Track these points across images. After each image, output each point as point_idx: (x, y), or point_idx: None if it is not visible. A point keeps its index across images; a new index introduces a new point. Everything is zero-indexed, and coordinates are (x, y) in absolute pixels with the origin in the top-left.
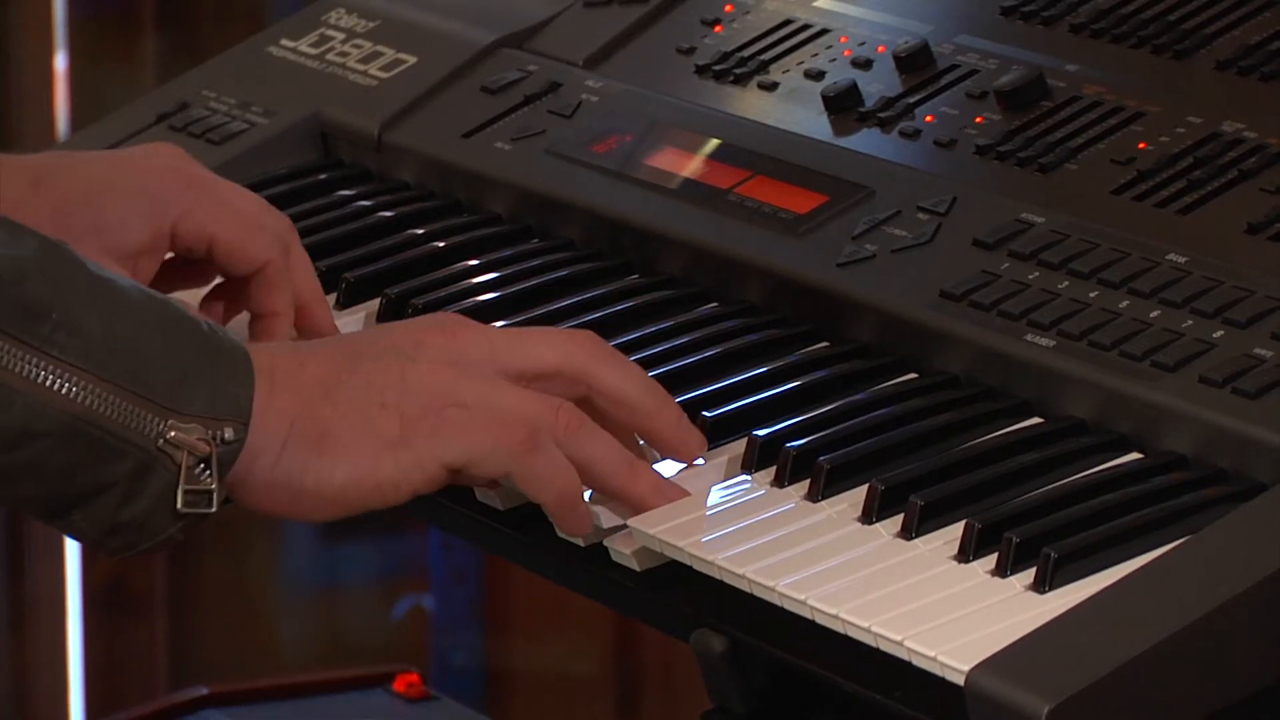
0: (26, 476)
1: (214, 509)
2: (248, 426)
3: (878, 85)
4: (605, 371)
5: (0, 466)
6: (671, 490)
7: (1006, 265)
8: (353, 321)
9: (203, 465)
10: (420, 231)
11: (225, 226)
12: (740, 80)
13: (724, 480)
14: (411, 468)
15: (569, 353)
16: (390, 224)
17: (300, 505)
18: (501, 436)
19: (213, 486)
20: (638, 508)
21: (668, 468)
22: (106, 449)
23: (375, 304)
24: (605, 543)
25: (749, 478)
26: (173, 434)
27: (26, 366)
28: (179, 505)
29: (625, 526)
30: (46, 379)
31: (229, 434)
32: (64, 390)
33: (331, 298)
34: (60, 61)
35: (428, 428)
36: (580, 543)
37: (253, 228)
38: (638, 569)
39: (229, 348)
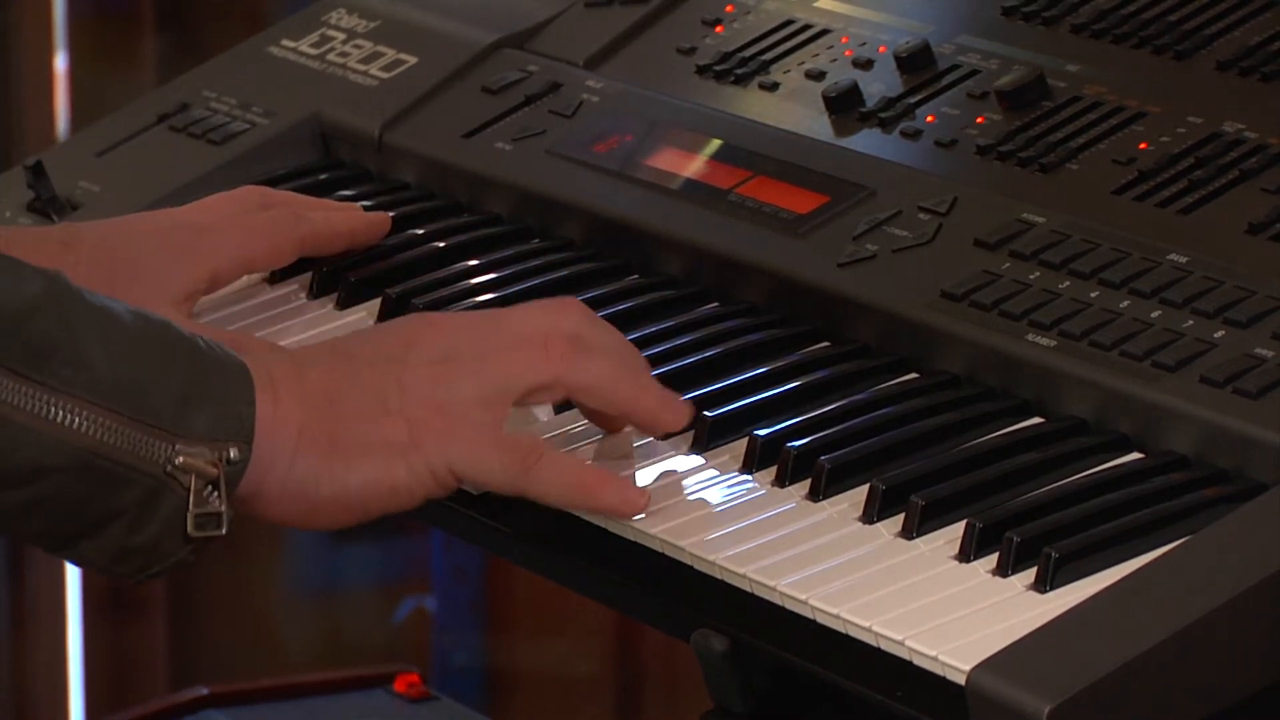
0: (38, 511)
1: (224, 530)
2: (251, 445)
3: (879, 85)
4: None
5: (13, 503)
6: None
7: (1007, 265)
8: (353, 321)
9: (210, 487)
10: (420, 231)
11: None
12: (741, 80)
13: (724, 479)
14: (423, 471)
15: (553, 326)
16: (391, 224)
17: (316, 513)
18: (503, 456)
19: (221, 508)
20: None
21: (677, 463)
22: (115, 479)
23: (376, 304)
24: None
25: (749, 477)
26: (180, 459)
27: (35, 404)
28: (189, 529)
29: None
30: (55, 414)
31: (234, 454)
32: (73, 424)
33: (332, 298)
34: (60, 61)
35: (436, 432)
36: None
37: (261, 232)
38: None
39: (228, 364)
